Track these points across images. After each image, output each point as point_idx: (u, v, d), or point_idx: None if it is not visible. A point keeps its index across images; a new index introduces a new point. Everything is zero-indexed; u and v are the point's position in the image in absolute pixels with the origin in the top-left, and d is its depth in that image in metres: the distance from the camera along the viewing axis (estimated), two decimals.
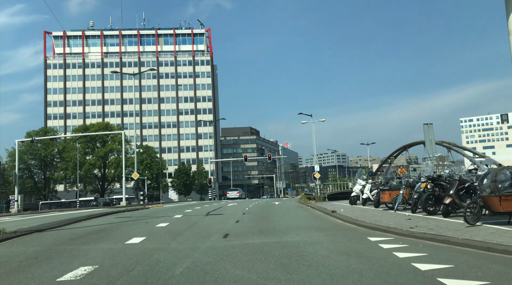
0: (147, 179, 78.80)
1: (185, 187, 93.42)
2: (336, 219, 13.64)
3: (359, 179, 19.21)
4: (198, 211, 21.27)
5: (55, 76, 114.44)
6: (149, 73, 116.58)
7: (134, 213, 20.80)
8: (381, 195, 15.12)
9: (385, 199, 14.84)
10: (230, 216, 16.59)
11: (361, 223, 11.36)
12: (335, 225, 12.05)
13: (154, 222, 14.70)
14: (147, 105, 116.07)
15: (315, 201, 24.90)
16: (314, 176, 52.48)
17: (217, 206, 27.51)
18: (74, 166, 67.33)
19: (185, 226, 13.00)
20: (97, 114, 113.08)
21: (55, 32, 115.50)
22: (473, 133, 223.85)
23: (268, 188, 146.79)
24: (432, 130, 21.29)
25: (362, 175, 21.11)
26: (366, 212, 14.60)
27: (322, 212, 16.74)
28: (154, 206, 31.62)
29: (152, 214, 19.96)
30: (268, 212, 18.42)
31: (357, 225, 11.34)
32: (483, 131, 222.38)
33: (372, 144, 69.09)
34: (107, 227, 13.58)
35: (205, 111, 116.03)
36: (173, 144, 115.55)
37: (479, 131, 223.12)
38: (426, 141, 21.06)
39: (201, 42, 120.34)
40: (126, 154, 76.89)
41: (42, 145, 73.04)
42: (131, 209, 24.70)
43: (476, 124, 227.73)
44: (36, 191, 74.17)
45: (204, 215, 17.56)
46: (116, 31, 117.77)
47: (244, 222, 13.77)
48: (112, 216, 19.12)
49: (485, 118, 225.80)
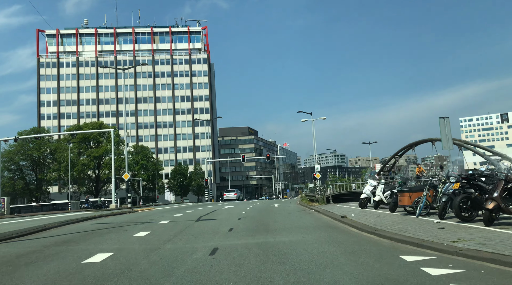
0: (142, 180, 76.67)
1: (182, 188, 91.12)
2: (349, 226, 11.46)
3: (370, 179, 16.99)
4: (189, 215, 19.08)
5: (49, 75, 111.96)
6: (144, 72, 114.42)
7: (117, 218, 18.59)
8: (400, 197, 12.95)
9: (404, 202, 12.67)
10: (224, 222, 14.40)
11: (382, 232, 9.19)
12: (350, 235, 9.86)
13: (133, 230, 12.52)
14: (143, 105, 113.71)
15: (319, 203, 22.71)
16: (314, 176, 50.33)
17: (212, 209, 25.32)
18: (66, 166, 65.04)
19: (167, 236, 10.81)
20: (91, 114, 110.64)
21: (49, 31, 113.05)
22: (473, 132, 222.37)
23: (267, 189, 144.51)
24: (448, 125, 19.17)
25: (374, 174, 18.99)
26: (383, 218, 12.43)
27: (330, 217, 14.55)
28: (144, 209, 29.35)
29: (137, 219, 17.75)
30: (267, 217, 16.24)
31: (379, 235, 9.16)
32: (483, 131, 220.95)
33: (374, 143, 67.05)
34: (76, 237, 11.38)
35: (202, 110, 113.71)
36: (169, 144, 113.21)
37: (479, 131, 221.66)
38: (443, 137, 18.92)
39: (197, 40, 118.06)
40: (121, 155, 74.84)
41: (34, 145, 70.94)
42: (116, 213, 22.48)
43: (476, 123, 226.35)
44: (28, 192, 71.92)
45: (194, 221, 15.37)
46: (110, 29, 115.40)
47: (238, 230, 11.58)
48: (90, 221, 16.89)
49: (485, 118, 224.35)
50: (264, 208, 23.76)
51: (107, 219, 18.27)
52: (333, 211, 16.35)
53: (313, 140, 50.38)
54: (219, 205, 32.30)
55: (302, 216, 16.17)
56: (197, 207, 30.70)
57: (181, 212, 21.79)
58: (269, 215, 17.39)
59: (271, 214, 18.45)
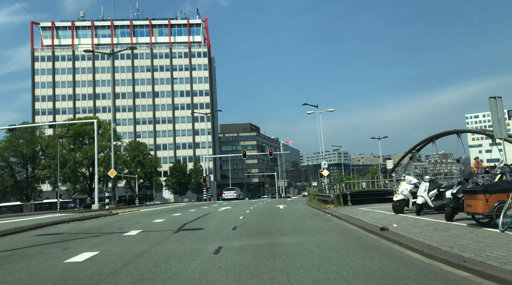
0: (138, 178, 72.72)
1: (181, 186, 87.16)
2: (402, 248, 7.34)
3: (409, 176, 12.80)
4: (172, 221, 15.04)
5: (43, 69, 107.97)
6: (143, 66, 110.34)
7: (79, 225, 14.54)
8: (467, 201, 8.83)
9: (476, 207, 8.55)
10: (212, 235, 10.32)
11: (477, 267, 5.10)
12: (416, 267, 5.75)
13: (77, 249, 8.48)
14: (141, 100, 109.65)
15: (334, 205, 18.57)
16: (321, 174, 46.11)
17: (205, 211, 21.25)
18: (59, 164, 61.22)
19: (117, 263, 6.75)
20: (87, 109, 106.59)
21: (43, 23, 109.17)
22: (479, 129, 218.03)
23: (269, 187, 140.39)
24: (501, 106, 15.01)
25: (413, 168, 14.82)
26: (447, 232, 8.33)
27: (360, 228, 10.44)
28: (127, 210, 25.20)
29: (102, 227, 13.69)
30: (273, 226, 12.14)
31: (475, 273, 5.06)
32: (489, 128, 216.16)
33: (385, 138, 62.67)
34: None
35: (202, 106, 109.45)
36: (168, 140, 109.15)
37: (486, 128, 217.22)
38: (494, 122, 14.76)
39: (197, 33, 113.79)
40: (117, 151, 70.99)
41: (24, 141, 67.44)
42: (88, 217, 18.39)
43: (482, 120, 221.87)
44: (18, 190, 68.36)
45: (173, 232, 11.29)
46: (107, 22, 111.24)
47: (230, 253, 7.47)
48: (37, 231, 12.81)
49: None
50: (268, 211, 19.69)
51: (65, 226, 14.21)
52: (359, 218, 12.25)
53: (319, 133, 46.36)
54: (216, 206, 28.23)
55: (320, 225, 12.06)
56: (190, 208, 26.63)
57: (166, 216, 17.74)
58: (274, 222, 13.31)
59: (276, 220, 14.38)
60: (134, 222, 15.09)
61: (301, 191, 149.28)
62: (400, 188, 12.84)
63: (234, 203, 34.55)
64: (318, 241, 8.53)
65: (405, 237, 7.89)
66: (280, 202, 34.95)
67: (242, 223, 13.24)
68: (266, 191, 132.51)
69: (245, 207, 24.22)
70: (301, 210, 19.31)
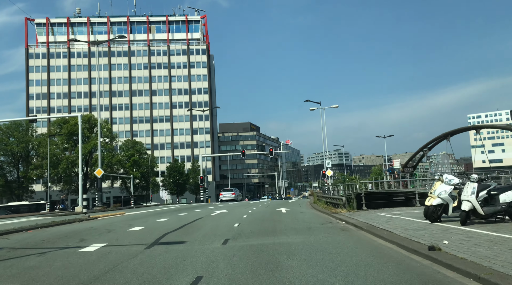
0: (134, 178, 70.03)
1: (178, 186, 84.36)
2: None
3: (449, 176, 10.06)
4: (153, 229, 12.36)
5: (38, 67, 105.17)
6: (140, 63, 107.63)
7: (36, 235, 11.84)
8: None
9: None
10: (193, 253, 7.61)
11: None
12: None
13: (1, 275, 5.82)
14: (138, 98, 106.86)
15: (346, 209, 15.84)
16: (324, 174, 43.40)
17: (197, 215, 18.56)
18: (50, 163, 58.61)
19: None
20: (83, 108, 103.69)
21: (38, 19, 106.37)
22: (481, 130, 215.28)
23: (269, 187, 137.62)
24: None
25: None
26: None
27: (394, 245, 7.73)
28: (110, 214, 22.45)
29: (63, 237, 11.00)
30: (275, 239, 9.42)
31: None
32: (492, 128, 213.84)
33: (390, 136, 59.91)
34: None
35: (200, 104, 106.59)
36: (166, 140, 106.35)
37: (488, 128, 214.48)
38: None
39: (196, 30, 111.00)
40: (112, 150, 68.38)
41: (15, 140, 64.96)
42: (58, 223, 15.67)
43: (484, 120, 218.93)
44: (9, 191, 65.78)
45: (146, 246, 8.60)
46: (104, 18, 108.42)
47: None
48: None
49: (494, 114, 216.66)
50: (268, 216, 16.98)
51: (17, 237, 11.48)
52: (386, 228, 9.56)
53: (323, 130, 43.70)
54: (211, 209, 25.53)
55: (337, 239, 9.32)
56: (182, 211, 23.92)
57: (148, 222, 15.06)
58: (276, 233, 10.60)
59: (279, 229, 11.68)
60: (105, 231, 12.38)
61: (302, 192, 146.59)
62: (436, 189, 10.10)
63: (231, 205, 31.82)
64: (343, 272, 5.83)
65: (480, 265, 5.20)
66: (281, 204, 32.13)
67: (236, 234, 10.54)
68: (266, 192, 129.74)
69: (242, 211, 21.52)
70: (308, 215, 16.60)
